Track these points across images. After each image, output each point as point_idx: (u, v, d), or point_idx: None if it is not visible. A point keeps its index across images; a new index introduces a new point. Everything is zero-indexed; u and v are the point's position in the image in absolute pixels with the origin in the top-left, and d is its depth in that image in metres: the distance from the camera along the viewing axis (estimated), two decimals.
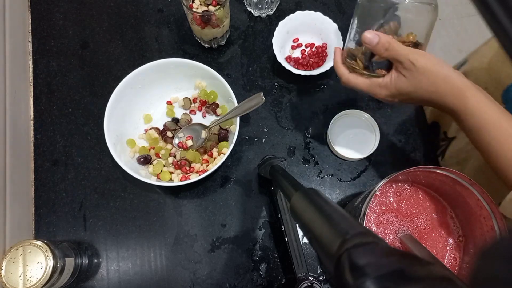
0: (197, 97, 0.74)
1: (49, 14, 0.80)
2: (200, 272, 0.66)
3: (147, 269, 0.66)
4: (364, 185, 0.72)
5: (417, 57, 0.47)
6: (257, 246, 0.68)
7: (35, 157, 0.71)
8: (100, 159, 0.71)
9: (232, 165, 0.72)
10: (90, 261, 0.66)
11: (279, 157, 0.64)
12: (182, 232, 0.68)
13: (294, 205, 0.42)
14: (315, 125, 0.75)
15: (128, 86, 0.67)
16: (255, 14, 0.81)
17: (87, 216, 0.69)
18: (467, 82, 0.47)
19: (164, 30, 0.80)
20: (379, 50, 0.49)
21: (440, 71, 0.47)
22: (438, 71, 0.46)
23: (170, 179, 0.66)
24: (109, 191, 0.70)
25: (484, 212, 0.53)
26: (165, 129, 0.71)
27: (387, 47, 0.48)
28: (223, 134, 0.70)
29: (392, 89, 0.50)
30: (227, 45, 0.79)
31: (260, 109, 0.74)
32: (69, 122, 0.74)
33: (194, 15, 0.68)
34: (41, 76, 0.76)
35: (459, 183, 0.54)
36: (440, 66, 0.47)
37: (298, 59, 0.76)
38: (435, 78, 0.47)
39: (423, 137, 0.75)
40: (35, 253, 0.55)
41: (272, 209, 0.70)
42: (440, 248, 0.61)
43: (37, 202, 0.69)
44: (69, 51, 0.78)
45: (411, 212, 0.63)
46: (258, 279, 0.66)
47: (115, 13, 0.81)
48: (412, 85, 0.48)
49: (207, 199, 0.70)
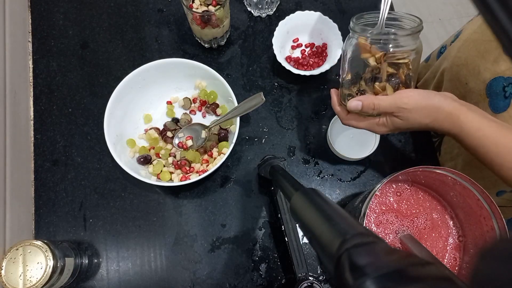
0: (197, 97, 0.74)
1: (49, 14, 0.80)
2: (200, 272, 0.66)
3: (147, 269, 0.66)
4: (364, 185, 0.72)
5: (405, 101, 0.48)
6: (257, 246, 0.68)
7: (35, 157, 0.71)
8: (100, 159, 0.71)
9: (232, 165, 0.72)
10: (90, 261, 0.66)
11: (279, 157, 0.64)
12: (182, 232, 0.68)
13: (294, 205, 0.42)
14: (315, 125, 0.75)
15: (128, 86, 0.67)
16: (255, 14, 0.81)
17: (87, 216, 0.69)
18: (458, 105, 0.48)
19: (164, 30, 0.80)
20: (367, 112, 0.51)
21: (430, 104, 0.48)
22: (428, 103, 0.48)
23: (170, 179, 0.66)
24: (109, 191, 0.70)
25: (484, 212, 0.53)
26: (165, 129, 0.71)
27: (372, 107, 0.50)
28: (223, 134, 0.70)
29: (390, 127, 0.52)
30: (227, 45, 0.79)
31: (260, 109, 0.74)
32: (69, 122, 0.74)
33: (194, 15, 0.68)
34: (41, 76, 0.76)
35: (459, 183, 0.54)
36: (429, 98, 0.48)
37: (298, 59, 0.76)
38: (427, 111, 0.48)
39: (422, 137, 0.75)
40: (35, 253, 0.55)
41: (272, 209, 0.70)
42: (440, 248, 0.61)
43: (37, 202, 0.69)
44: (69, 51, 0.78)
45: (411, 212, 0.63)
46: (258, 279, 0.66)
47: (115, 13, 0.81)
48: (408, 123, 0.50)
49: (207, 199, 0.70)
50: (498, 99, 0.56)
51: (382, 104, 0.49)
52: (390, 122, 0.51)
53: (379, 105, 0.49)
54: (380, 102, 0.49)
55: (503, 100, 0.55)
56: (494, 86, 0.57)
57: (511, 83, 0.55)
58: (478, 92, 0.59)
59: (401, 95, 0.49)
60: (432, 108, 0.48)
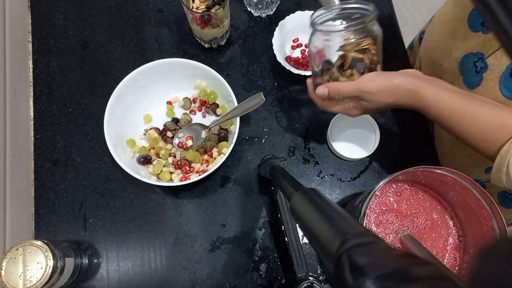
0: (197, 97, 0.74)
1: (49, 14, 0.80)
2: (200, 272, 0.66)
3: (147, 269, 0.66)
4: (364, 185, 0.72)
5: (368, 85, 0.52)
6: (257, 246, 0.68)
7: (35, 157, 0.71)
8: (100, 159, 0.71)
9: (232, 165, 0.72)
10: (90, 261, 0.66)
11: (279, 157, 0.64)
12: (182, 232, 0.68)
13: (294, 205, 0.42)
14: (315, 125, 0.75)
15: (128, 86, 0.67)
16: (255, 14, 0.81)
17: (87, 216, 0.69)
18: (418, 81, 0.51)
19: (164, 30, 0.80)
20: (334, 96, 0.54)
21: (390, 84, 0.51)
22: (388, 84, 0.51)
23: (170, 179, 0.66)
24: (109, 191, 0.70)
25: (484, 212, 0.53)
26: (165, 129, 0.71)
27: (337, 92, 0.54)
28: (223, 134, 0.70)
29: (360, 109, 0.56)
30: (227, 45, 0.79)
31: (260, 109, 0.74)
32: (69, 122, 0.74)
33: (194, 15, 0.68)
34: (41, 76, 0.76)
35: (459, 183, 0.54)
36: (389, 79, 0.52)
37: (298, 59, 0.76)
38: (389, 92, 0.52)
39: (423, 137, 0.75)
40: (35, 253, 0.55)
41: (272, 209, 0.70)
42: (440, 248, 0.61)
43: (37, 202, 0.69)
44: (69, 51, 0.78)
45: (411, 212, 0.63)
46: (258, 279, 0.66)
47: (115, 13, 0.81)
48: (374, 104, 0.53)
49: (207, 199, 0.70)
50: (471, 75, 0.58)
51: (345, 89, 0.53)
52: (359, 105, 0.55)
53: (343, 90, 0.53)
54: (343, 88, 0.53)
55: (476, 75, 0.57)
56: (465, 63, 0.59)
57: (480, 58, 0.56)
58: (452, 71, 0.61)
59: (363, 79, 0.52)
60: (393, 88, 0.51)
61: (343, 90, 0.53)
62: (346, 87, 0.53)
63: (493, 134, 0.47)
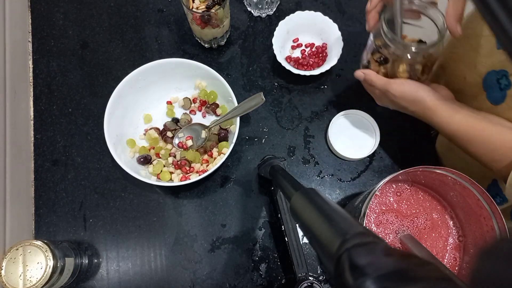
0: (197, 97, 0.74)
1: (49, 14, 0.80)
2: (200, 272, 0.66)
3: (147, 269, 0.66)
4: (364, 185, 0.72)
5: (394, 87, 0.57)
6: (257, 246, 0.68)
7: (35, 157, 0.71)
8: (100, 159, 0.71)
9: (232, 165, 0.72)
10: (90, 261, 0.66)
11: (279, 157, 0.64)
12: (182, 232, 0.68)
13: (294, 205, 0.42)
14: (315, 125, 0.75)
15: (128, 86, 0.67)
16: (255, 14, 0.81)
17: (87, 216, 0.69)
18: (437, 100, 0.55)
19: (164, 30, 0.80)
20: (367, 82, 0.61)
21: (414, 95, 0.56)
22: (413, 95, 0.56)
23: (170, 179, 0.66)
24: (109, 191, 0.70)
25: (484, 212, 0.53)
26: (165, 129, 0.71)
27: (369, 83, 0.60)
28: (223, 134, 0.70)
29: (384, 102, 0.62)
30: (227, 45, 0.79)
31: (260, 109, 0.74)
32: (69, 122, 0.74)
33: (194, 15, 0.68)
34: (41, 76, 0.76)
35: (459, 183, 0.54)
36: (415, 90, 0.56)
37: (298, 59, 0.76)
38: (410, 101, 0.57)
39: (423, 137, 0.75)
40: (35, 253, 0.55)
41: (272, 209, 0.70)
42: (440, 248, 0.61)
43: (37, 202, 0.69)
44: (69, 51, 0.78)
45: (411, 212, 0.63)
46: (258, 279, 0.66)
47: (115, 13, 0.81)
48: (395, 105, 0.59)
49: (207, 199, 0.70)
50: (495, 92, 0.58)
51: (377, 82, 0.59)
52: (385, 98, 0.60)
53: (374, 82, 0.59)
54: (376, 81, 0.59)
55: (499, 92, 0.57)
56: (488, 79, 0.60)
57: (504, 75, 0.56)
58: (476, 85, 0.61)
59: (394, 81, 0.57)
60: (415, 101, 0.56)
61: (375, 82, 0.59)
62: (378, 81, 0.58)
63: (503, 154, 0.50)
